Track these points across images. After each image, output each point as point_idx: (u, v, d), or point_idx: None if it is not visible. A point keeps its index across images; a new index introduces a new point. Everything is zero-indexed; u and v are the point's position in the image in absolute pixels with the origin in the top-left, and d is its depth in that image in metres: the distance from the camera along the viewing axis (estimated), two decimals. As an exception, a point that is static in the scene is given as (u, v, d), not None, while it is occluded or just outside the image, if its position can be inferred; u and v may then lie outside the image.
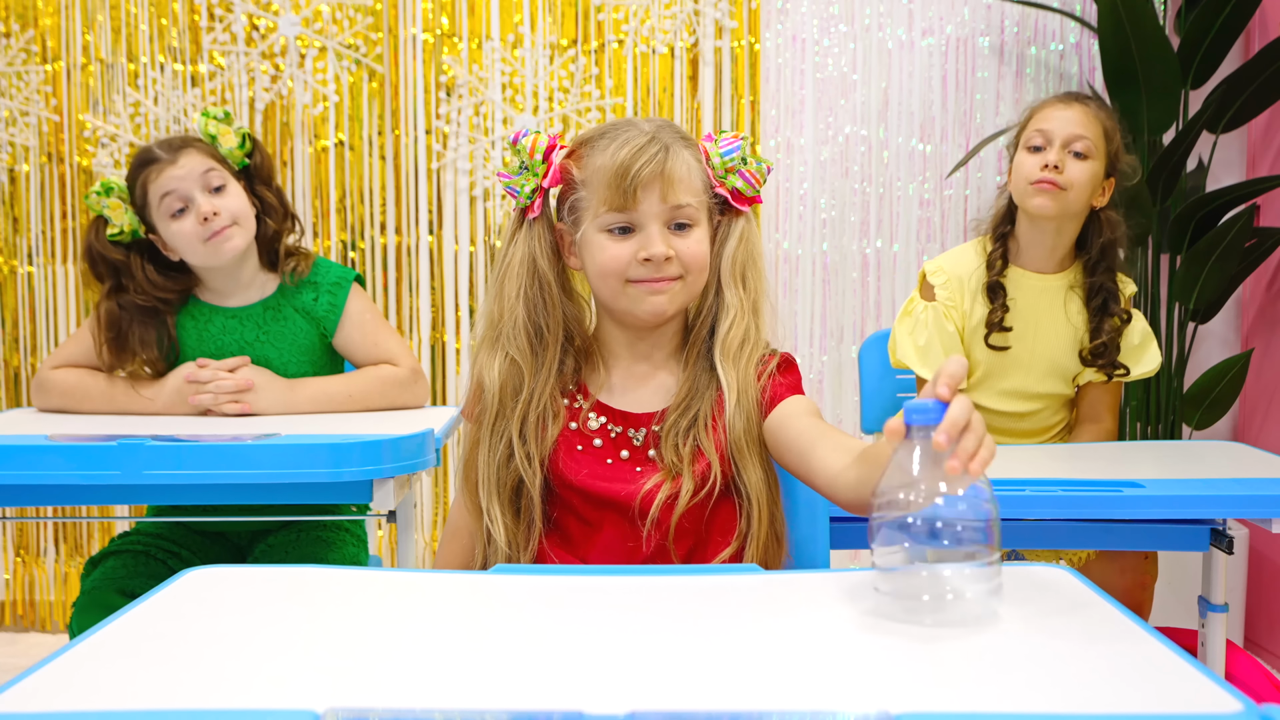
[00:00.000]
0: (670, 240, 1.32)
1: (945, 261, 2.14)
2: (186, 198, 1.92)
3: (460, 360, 3.06)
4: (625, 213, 1.32)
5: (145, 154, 1.95)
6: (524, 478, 1.33)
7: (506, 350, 1.36)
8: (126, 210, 1.95)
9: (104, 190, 1.95)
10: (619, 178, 1.30)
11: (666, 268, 1.32)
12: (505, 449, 1.35)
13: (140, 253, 1.97)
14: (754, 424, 1.36)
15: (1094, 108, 2.07)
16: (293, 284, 2.03)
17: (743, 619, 0.98)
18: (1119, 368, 2.08)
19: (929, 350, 2.07)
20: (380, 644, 0.92)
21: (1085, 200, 2.04)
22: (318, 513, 1.97)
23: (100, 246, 1.96)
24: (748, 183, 1.38)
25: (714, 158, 1.37)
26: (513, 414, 1.35)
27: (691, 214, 1.34)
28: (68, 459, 1.62)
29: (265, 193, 2.03)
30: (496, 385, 1.35)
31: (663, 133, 1.34)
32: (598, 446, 1.35)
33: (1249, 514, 1.66)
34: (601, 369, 1.40)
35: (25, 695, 0.80)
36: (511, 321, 1.36)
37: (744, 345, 1.36)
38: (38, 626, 3.16)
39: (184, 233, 1.92)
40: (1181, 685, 0.81)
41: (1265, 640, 2.81)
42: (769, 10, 2.99)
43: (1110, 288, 2.08)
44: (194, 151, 1.94)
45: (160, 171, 1.92)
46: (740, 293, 1.38)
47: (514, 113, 3.00)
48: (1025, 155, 2.06)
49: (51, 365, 2.02)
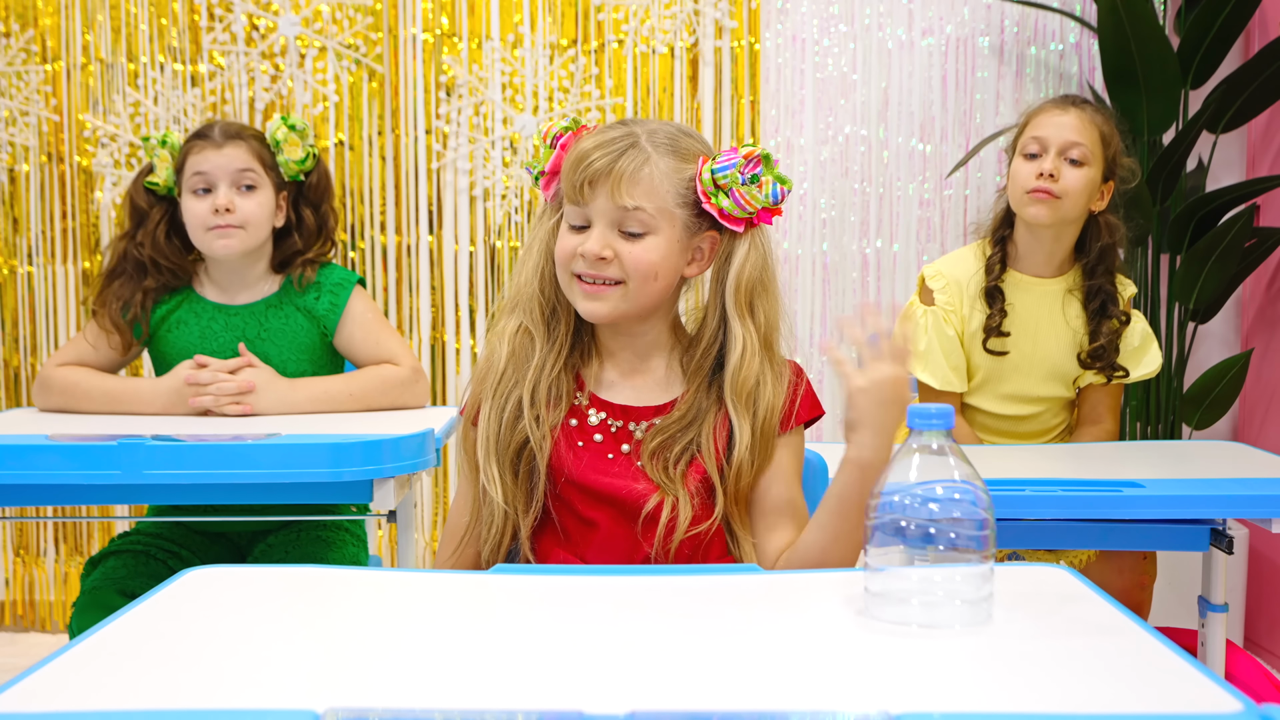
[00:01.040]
0: (614, 242, 1.29)
1: (944, 266, 2.13)
2: (212, 184, 1.97)
3: (460, 360, 3.06)
4: (580, 206, 1.31)
5: (205, 128, 2.03)
6: (530, 438, 1.32)
7: (520, 319, 1.37)
8: (169, 166, 2.02)
9: (161, 141, 2.03)
10: (573, 169, 1.31)
11: (603, 268, 1.30)
12: (514, 409, 1.34)
13: (164, 211, 2.04)
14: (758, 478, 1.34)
15: (1090, 112, 2.06)
16: (299, 288, 2.04)
17: (743, 619, 0.98)
18: (1118, 370, 2.08)
19: (929, 355, 2.07)
20: (380, 644, 0.92)
21: (1082, 207, 2.03)
22: (318, 513, 1.97)
23: (134, 189, 2.05)
24: (737, 203, 1.31)
25: (705, 172, 1.32)
26: (524, 379, 1.35)
27: (645, 220, 1.29)
28: (68, 459, 1.62)
29: (307, 212, 2.07)
30: (506, 351, 1.36)
31: (646, 134, 1.31)
32: (598, 442, 1.35)
33: (1249, 514, 1.66)
34: (597, 363, 1.40)
35: (25, 695, 0.80)
36: (528, 295, 1.37)
37: (759, 386, 1.32)
38: (38, 626, 3.15)
39: (194, 213, 1.98)
40: (1181, 685, 0.82)
41: (1265, 640, 2.81)
42: (769, 10, 2.99)
43: (1109, 290, 2.07)
44: (243, 146, 2.00)
45: (203, 150, 1.99)
46: (749, 324, 1.33)
47: (514, 113, 3.00)
48: (1021, 162, 2.05)
49: (54, 364, 2.02)
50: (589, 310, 1.33)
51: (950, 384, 2.06)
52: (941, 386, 2.05)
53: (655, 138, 1.31)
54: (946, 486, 0.96)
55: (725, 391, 1.32)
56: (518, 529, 1.34)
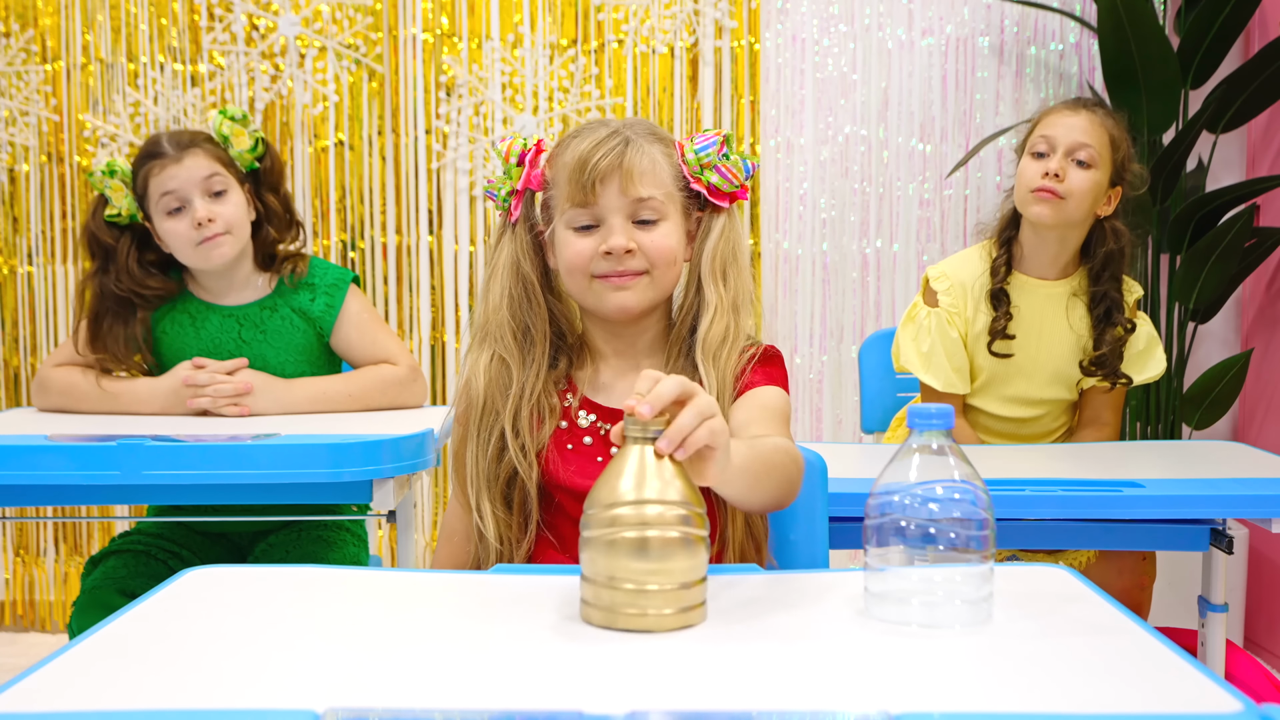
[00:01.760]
0: (633, 233, 1.32)
1: (948, 267, 2.12)
2: (185, 199, 1.93)
3: (460, 360, 3.06)
4: (587, 208, 1.32)
5: (153, 145, 1.96)
6: (519, 470, 1.33)
7: (493, 349, 1.37)
8: (127, 194, 1.96)
9: (108, 171, 1.96)
10: (578, 172, 1.31)
11: (629, 261, 1.32)
12: (497, 443, 1.34)
13: (133, 238, 1.98)
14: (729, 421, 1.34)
15: (1101, 115, 2.04)
16: (291, 285, 2.03)
17: (743, 619, 0.98)
18: (1121, 376, 2.07)
19: (932, 356, 2.06)
20: (380, 644, 0.92)
21: (1086, 209, 2.02)
22: (318, 513, 1.97)
23: (95, 225, 1.98)
24: (724, 178, 1.35)
25: (689, 153, 1.35)
26: (504, 409, 1.35)
27: (657, 207, 1.33)
28: (68, 459, 1.62)
29: (270, 199, 2.03)
30: (483, 383, 1.36)
31: (628, 128, 1.34)
32: (588, 445, 1.35)
33: (1249, 514, 1.66)
34: (589, 366, 1.40)
35: (25, 695, 0.80)
36: (498, 322, 1.37)
37: (724, 343, 1.35)
38: (38, 626, 3.16)
39: (177, 233, 1.93)
40: (1181, 685, 0.82)
41: (1265, 640, 2.81)
42: (769, 10, 2.99)
43: (1114, 297, 2.06)
44: (201, 153, 1.95)
45: (163, 168, 1.93)
46: (720, 290, 1.36)
47: (514, 113, 3.00)
48: (1028, 161, 2.04)
49: (52, 364, 2.02)
50: (621, 303, 1.33)
51: (953, 386, 2.06)
52: (944, 388, 2.05)
53: (637, 130, 1.34)
54: (946, 486, 0.96)
55: (695, 351, 1.34)
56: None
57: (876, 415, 2.40)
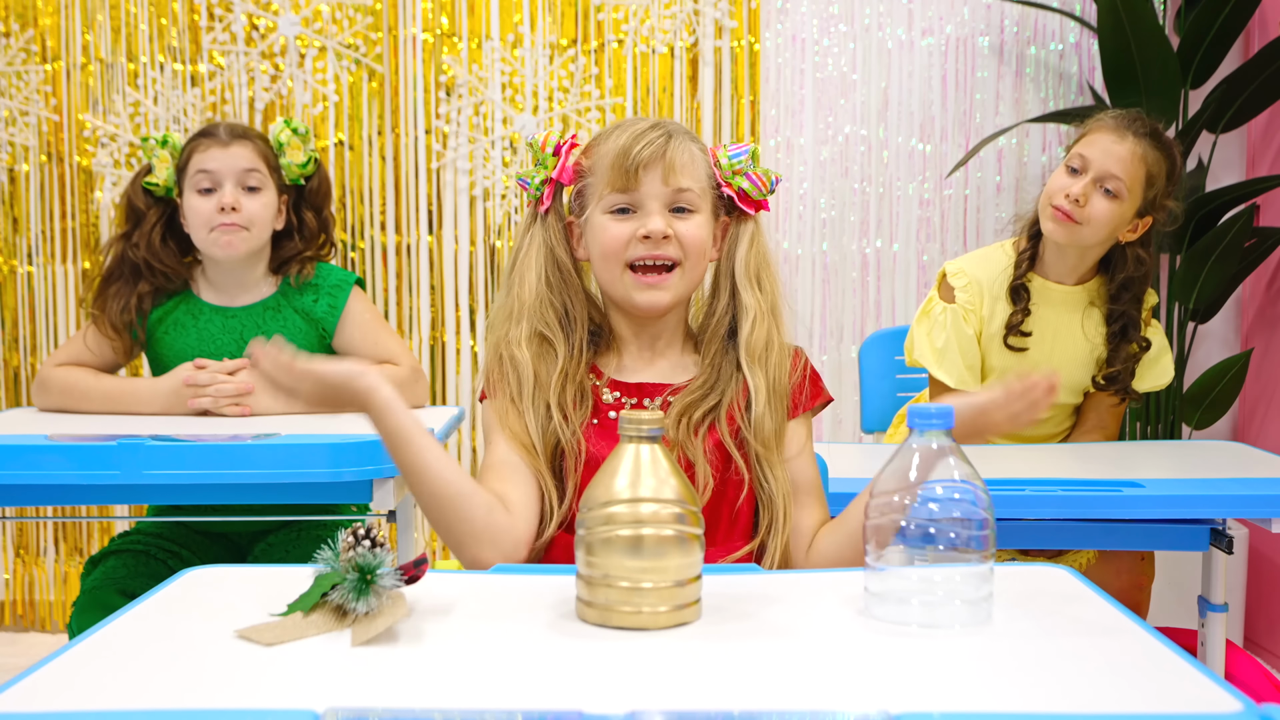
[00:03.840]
0: (670, 221, 1.35)
1: (967, 264, 2.10)
2: (218, 182, 1.97)
3: (460, 360, 3.06)
4: (627, 193, 1.35)
5: (209, 127, 2.03)
6: (561, 440, 1.35)
7: (535, 326, 1.38)
8: (170, 167, 2.01)
9: (162, 141, 2.02)
10: (621, 158, 1.34)
11: (665, 247, 1.35)
12: (544, 413, 1.36)
13: (162, 212, 2.03)
14: (782, 425, 1.38)
15: (1145, 147, 1.98)
16: (296, 286, 2.04)
17: (743, 618, 0.98)
18: (1132, 393, 2.07)
19: (946, 352, 2.05)
20: (380, 644, 0.92)
21: (1104, 236, 1.98)
22: (318, 513, 1.97)
23: (132, 189, 2.04)
24: (754, 185, 1.40)
25: (722, 158, 1.40)
26: (549, 385, 1.36)
27: (693, 200, 1.37)
28: (68, 459, 1.62)
29: (309, 215, 2.08)
30: (529, 357, 1.37)
31: (668, 125, 1.39)
32: (612, 419, 1.37)
33: (1249, 514, 1.66)
34: (615, 355, 1.43)
35: (25, 695, 0.80)
36: (536, 300, 1.39)
37: (769, 348, 1.39)
38: (38, 626, 3.15)
39: (199, 211, 1.97)
40: (1181, 685, 0.82)
41: (1265, 640, 2.81)
42: (769, 10, 2.99)
43: (1132, 315, 2.04)
44: (249, 145, 2.00)
45: (208, 148, 1.98)
46: (758, 295, 1.40)
47: (514, 113, 2.99)
48: (1060, 173, 2.00)
49: (52, 364, 2.02)
50: (653, 301, 1.36)
51: (965, 383, 2.04)
52: (956, 384, 2.04)
53: (676, 128, 1.39)
54: (946, 486, 0.96)
55: (740, 354, 1.38)
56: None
57: (876, 415, 2.40)
